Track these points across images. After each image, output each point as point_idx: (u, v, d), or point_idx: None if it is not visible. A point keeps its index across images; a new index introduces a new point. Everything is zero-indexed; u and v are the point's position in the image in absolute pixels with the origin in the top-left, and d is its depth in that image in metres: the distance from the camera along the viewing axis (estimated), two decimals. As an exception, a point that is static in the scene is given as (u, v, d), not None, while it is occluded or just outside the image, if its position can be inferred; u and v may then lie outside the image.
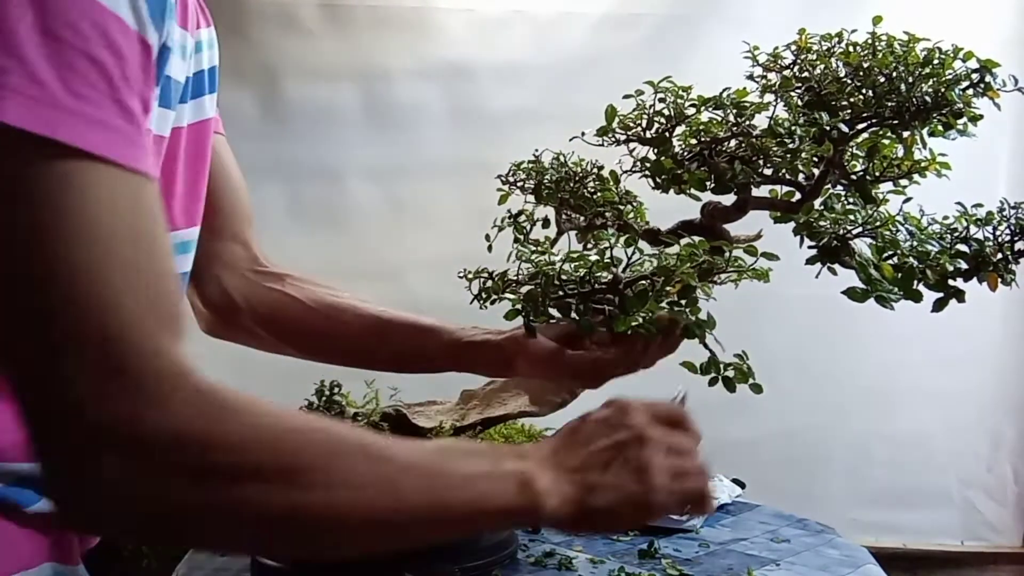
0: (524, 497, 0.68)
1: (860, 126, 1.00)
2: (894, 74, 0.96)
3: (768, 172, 1.02)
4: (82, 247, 0.53)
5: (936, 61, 0.96)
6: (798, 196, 1.05)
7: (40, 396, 0.54)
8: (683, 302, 0.90)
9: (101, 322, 0.53)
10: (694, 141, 1.03)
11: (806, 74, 1.02)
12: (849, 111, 1.00)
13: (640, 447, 0.73)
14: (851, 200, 0.97)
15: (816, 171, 1.03)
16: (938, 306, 0.89)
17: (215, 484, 0.56)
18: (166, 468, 0.55)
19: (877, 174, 1.02)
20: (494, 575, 1.06)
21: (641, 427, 0.75)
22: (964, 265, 0.89)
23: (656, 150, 1.04)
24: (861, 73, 0.98)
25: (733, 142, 1.01)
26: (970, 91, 0.95)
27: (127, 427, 0.53)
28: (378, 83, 2.41)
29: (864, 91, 0.98)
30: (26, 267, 0.53)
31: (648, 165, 1.04)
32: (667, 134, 1.04)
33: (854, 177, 1.03)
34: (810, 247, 0.91)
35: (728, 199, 1.06)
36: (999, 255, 0.88)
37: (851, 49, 1.01)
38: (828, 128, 0.98)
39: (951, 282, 0.89)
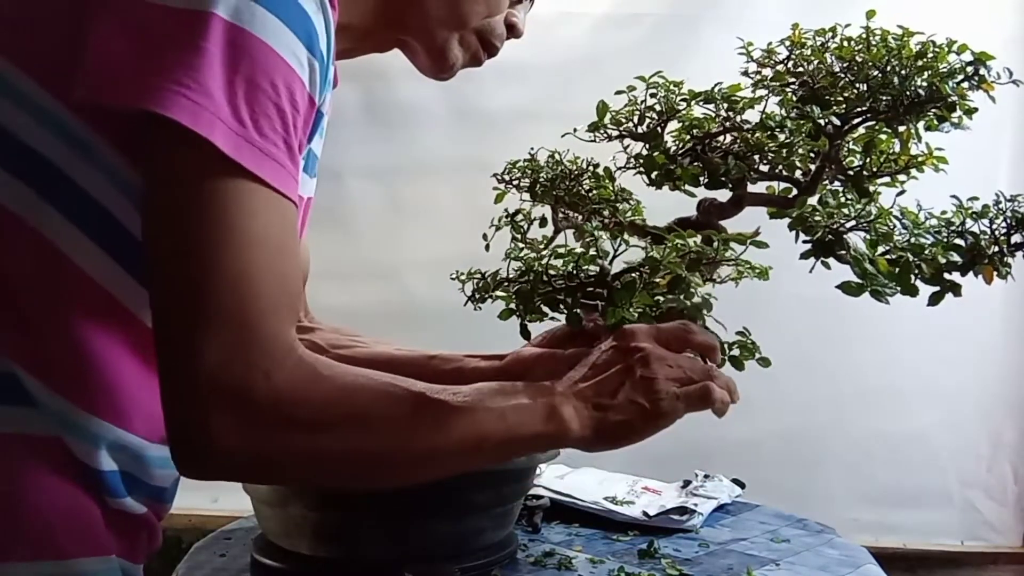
0: (552, 424, 0.81)
1: (855, 120, 1.00)
2: (888, 68, 0.96)
3: (764, 168, 1.02)
4: (241, 249, 0.67)
5: (930, 54, 0.95)
6: (794, 192, 1.05)
7: (177, 354, 0.68)
8: (674, 292, 0.90)
9: (242, 307, 0.67)
10: (687, 136, 1.03)
11: (800, 69, 1.02)
12: (843, 105, 1.00)
13: (645, 365, 0.84)
14: (847, 196, 0.97)
15: (812, 167, 1.02)
16: (934, 300, 0.89)
17: (303, 432, 0.70)
18: (265, 422, 0.68)
19: (874, 169, 1.01)
20: (494, 575, 1.06)
21: (646, 348, 0.85)
22: (959, 258, 0.88)
23: (648, 145, 1.04)
24: (855, 67, 0.98)
25: (727, 137, 1.01)
26: (964, 84, 0.95)
27: (240, 390, 0.67)
28: (378, 83, 2.40)
29: (858, 85, 0.98)
30: (193, 254, 0.67)
31: (641, 161, 1.04)
32: (659, 129, 1.04)
33: (850, 172, 1.02)
34: (804, 242, 0.91)
35: (723, 195, 1.06)
36: (995, 248, 0.88)
37: (845, 43, 1.00)
38: (823, 122, 0.98)
39: (947, 275, 0.88)
